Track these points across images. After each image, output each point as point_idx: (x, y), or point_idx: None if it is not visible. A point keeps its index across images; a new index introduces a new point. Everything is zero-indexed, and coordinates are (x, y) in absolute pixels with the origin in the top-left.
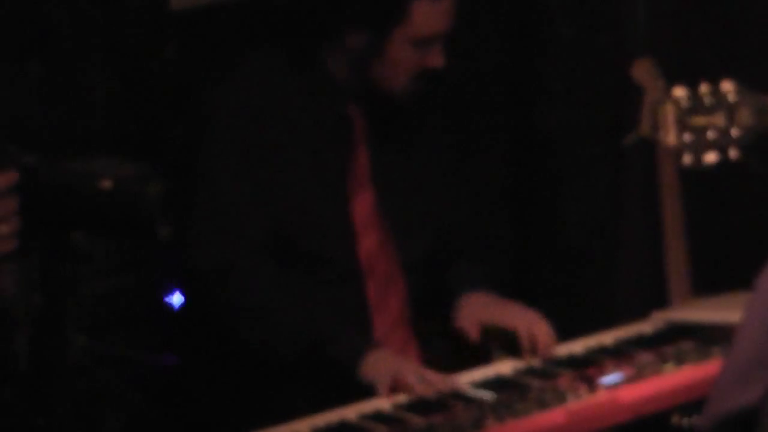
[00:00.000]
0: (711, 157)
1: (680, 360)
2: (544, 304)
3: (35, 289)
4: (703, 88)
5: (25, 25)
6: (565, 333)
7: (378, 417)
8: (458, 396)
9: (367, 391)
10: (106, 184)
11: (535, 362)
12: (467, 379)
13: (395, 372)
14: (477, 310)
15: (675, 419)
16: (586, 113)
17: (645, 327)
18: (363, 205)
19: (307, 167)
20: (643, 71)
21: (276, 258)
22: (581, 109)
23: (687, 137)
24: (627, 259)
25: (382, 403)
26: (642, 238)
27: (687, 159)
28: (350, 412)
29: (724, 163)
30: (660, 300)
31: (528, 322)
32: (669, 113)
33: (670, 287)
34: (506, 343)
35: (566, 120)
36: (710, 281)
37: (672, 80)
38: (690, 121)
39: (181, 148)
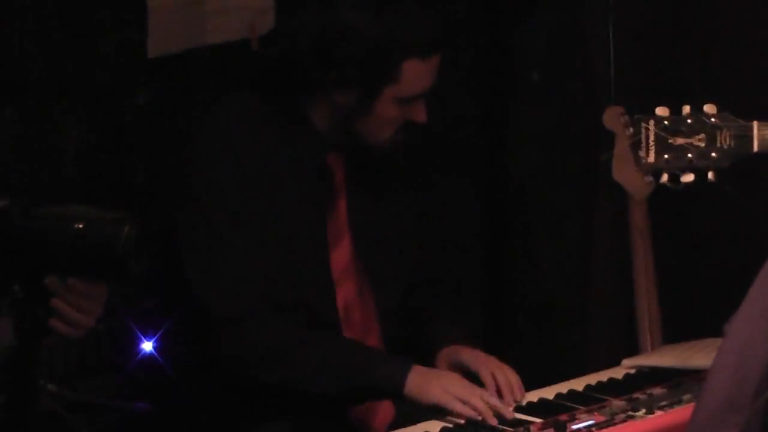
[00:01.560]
0: (688, 178)
1: (651, 406)
2: (515, 351)
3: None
4: (686, 109)
5: None
6: (537, 380)
7: None
8: None
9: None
10: (79, 226)
11: (510, 400)
12: (438, 426)
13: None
14: (451, 359)
15: None
16: (557, 160)
17: (616, 373)
18: (341, 254)
19: (288, 216)
20: (613, 118)
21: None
22: (552, 156)
23: (666, 156)
24: (598, 306)
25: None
26: (613, 284)
27: (665, 178)
28: None
29: (698, 206)
30: (631, 347)
31: (492, 367)
32: (650, 132)
33: (641, 334)
34: None
35: (537, 166)
36: (680, 328)
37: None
38: (670, 140)
39: (155, 194)
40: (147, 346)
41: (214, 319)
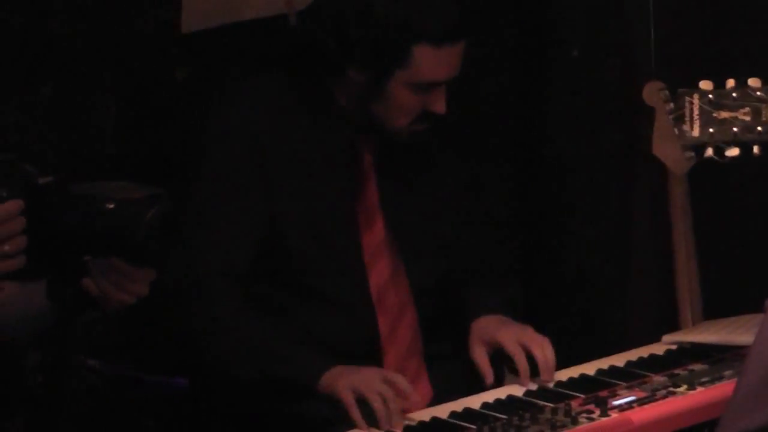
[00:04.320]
0: (733, 152)
1: (692, 382)
2: (555, 329)
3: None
4: (730, 83)
5: (37, 49)
6: (577, 357)
7: None
8: (469, 418)
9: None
10: (109, 206)
11: (548, 384)
12: (479, 401)
13: (358, 387)
14: (485, 335)
15: None
16: (596, 135)
17: (656, 350)
18: (373, 236)
19: (316, 199)
20: (653, 93)
21: (286, 291)
22: (591, 132)
23: (711, 130)
24: (638, 283)
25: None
26: (652, 260)
27: (709, 152)
28: None
29: (738, 181)
30: (671, 323)
31: (527, 346)
32: (694, 106)
33: (681, 310)
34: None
35: (576, 143)
36: (721, 303)
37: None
38: (715, 114)
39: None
40: None
41: (169, 281)
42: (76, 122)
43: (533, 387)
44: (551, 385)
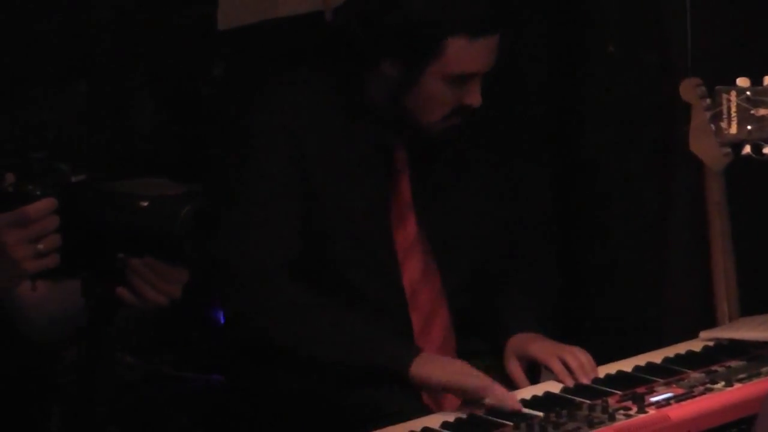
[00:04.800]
0: None
1: (730, 379)
2: (592, 325)
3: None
4: (767, 80)
5: (73, 47)
6: (614, 353)
7: None
8: (507, 415)
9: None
10: (143, 204)
11: (586, 380)
12: (516, 398)
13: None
14: (519, 351)
15: None
16: (632, 132)
17: (694, 346)
18: (406, 234)
19: (349, 195)
20: (690, 90)
21: (320, 287)
22: (628, 128)
23: (749, 127)
24: (675, 279)
25: (431, 422)
26: (689, 256)
27: (747, 149)
28: (398, 431)
29: None
30: (708, 319)
31: (561, 356)
32: (732, 103)
33: (718, 306)
34: None
35: (613, 139)
36: (758, 299)
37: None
38: (752, 111)
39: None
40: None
41: (227, 277)
42: (112, 120)
43: (571, 383)
44: (588, 382)
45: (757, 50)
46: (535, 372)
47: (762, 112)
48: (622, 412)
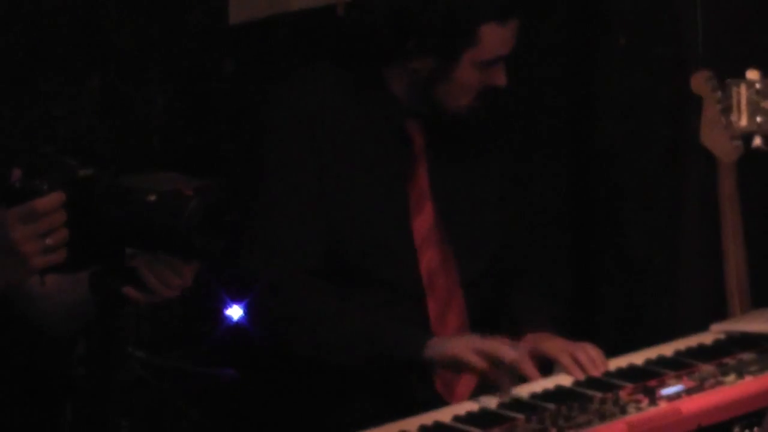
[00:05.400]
0: None
1: (741, 371)
2: (604, 318)
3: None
4: None
5: (86, 41)
6: (625, 346)
7: (437, 429)
8: (518, 408)
9: (426, 404)
10: (151, 198)
11: (596, 374)
12: (527, 391)
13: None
14: (532, 349)
15: (736, 430)
16: (644, 125)
17: (705, 339)
18: (423, 222)
19: (367, 183)
20: (701, 83)
21: (334, 279)
22: (640, 121)
23: (759, 120)
24: (687, 271)
25: (442, 415)
26: (702, 249)
27: (758, 142)
28: (410, 425)
29: None
30: (720, 312)
31: (571, 349)
32: (742, 95)
33: (730, 299)
34: None
35: (625, 132)
36: None
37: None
38: (762, 104)
39: (238, 162)
40: (234, 313)
41: (257, 282)
42: (123, 114)
43: (581, 377)
44: (599, 374)
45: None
46: (547, 371)
47: None
48: (633, 405)
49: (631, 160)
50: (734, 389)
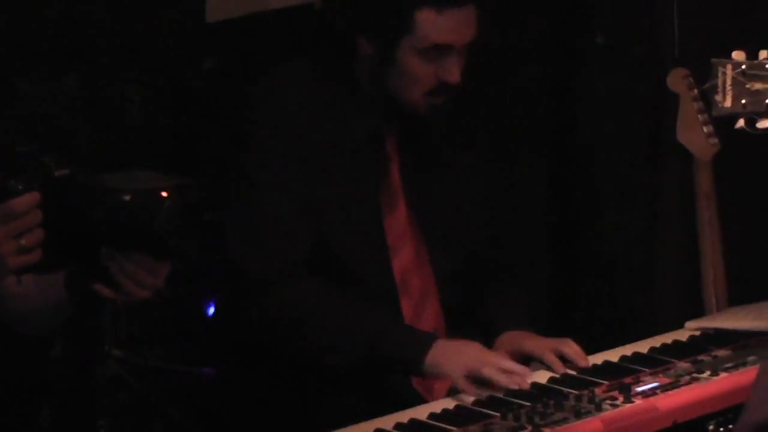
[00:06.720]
0: (765, 124)
1: (716, 368)
2: (581, 314)
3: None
4: (763, 54)
5: (63, 38)
6: (602, 342)
7: (413, 427)
8: (494, 405)
9: (404, 401)
10: (126, 197)
11: (571, 372)
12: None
13: (471, 366)
14: (509, 347)
15: (711, 428)
16: (622, 122)
17: (680, 336)
18: (397, 221)
19: (339, 182)
20: (678, 80)
21: (312, 273)
22: (618, 118)
23: (744, 101)
24: (664, 268)
25: (418, 413)
26: (679, 246)
27: (741, 123)
28: (386, 423)
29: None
30: (696, 309)
31: (554, 346)
32: (727, 76)
33: (706, 296)
34: None
35: (603, 129)
36: (746, 290)
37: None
38: (748, 85)
39: (218, 160)
40: (212, 311)
41: (248, 280)
42: (102, 112)
43: (559, 373)
44: (575, 372)
45: (744, 40)
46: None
47: (757, 86)
48: (608, 402)
49: (609, 158)
50: (709, 386)
